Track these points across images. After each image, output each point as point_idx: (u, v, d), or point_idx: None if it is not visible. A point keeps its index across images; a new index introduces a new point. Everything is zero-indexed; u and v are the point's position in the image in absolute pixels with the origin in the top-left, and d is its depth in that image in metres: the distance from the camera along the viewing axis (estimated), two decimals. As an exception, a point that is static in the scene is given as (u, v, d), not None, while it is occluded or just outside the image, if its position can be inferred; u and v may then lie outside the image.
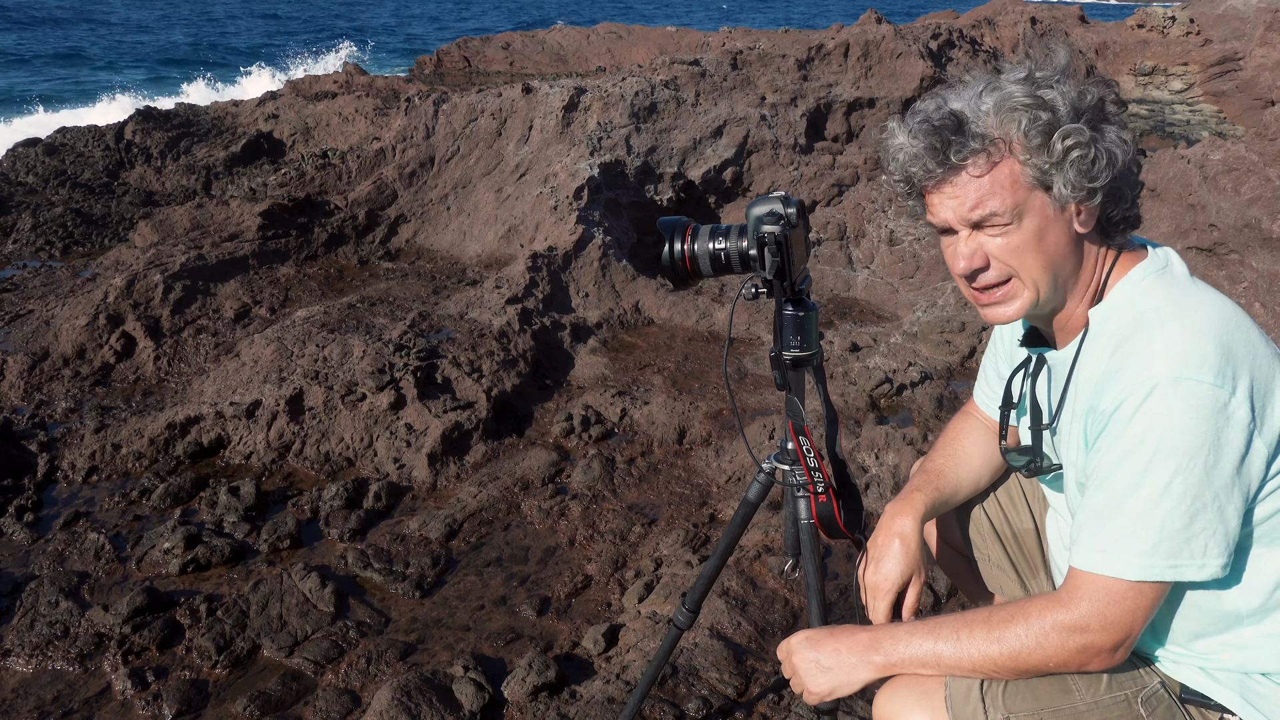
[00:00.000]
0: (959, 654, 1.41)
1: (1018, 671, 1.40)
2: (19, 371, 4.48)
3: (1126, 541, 1.30)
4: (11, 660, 2.74)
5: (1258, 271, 5.14)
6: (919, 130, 1.38)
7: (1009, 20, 12.95)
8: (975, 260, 1.42)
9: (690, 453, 4.01)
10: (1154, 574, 1.30)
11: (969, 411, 1.91)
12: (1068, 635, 1.34)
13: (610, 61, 14.94)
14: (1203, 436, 1.26)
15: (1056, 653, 1.35)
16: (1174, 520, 1.28)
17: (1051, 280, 1.42)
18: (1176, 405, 1.27)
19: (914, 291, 5.79)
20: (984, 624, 1.40)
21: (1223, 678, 1.42)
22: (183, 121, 9.32)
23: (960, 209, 1.40)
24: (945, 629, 1.43)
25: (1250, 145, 6.34)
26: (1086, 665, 1.37)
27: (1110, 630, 1.33)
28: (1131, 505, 1.30)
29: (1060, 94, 1.36)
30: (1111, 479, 1.32)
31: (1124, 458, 1.31)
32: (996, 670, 1.40)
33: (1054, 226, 1.40)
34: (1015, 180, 1.36)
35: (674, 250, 1.73)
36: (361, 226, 6.54)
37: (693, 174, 6.69)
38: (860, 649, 1.48)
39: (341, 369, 4.26)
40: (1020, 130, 1.35)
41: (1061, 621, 1.35)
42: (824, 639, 1.52)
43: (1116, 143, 1.37)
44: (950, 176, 1.39)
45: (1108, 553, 1.32)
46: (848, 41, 8.31)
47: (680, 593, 2.97)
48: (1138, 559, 1.30)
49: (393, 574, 3.17)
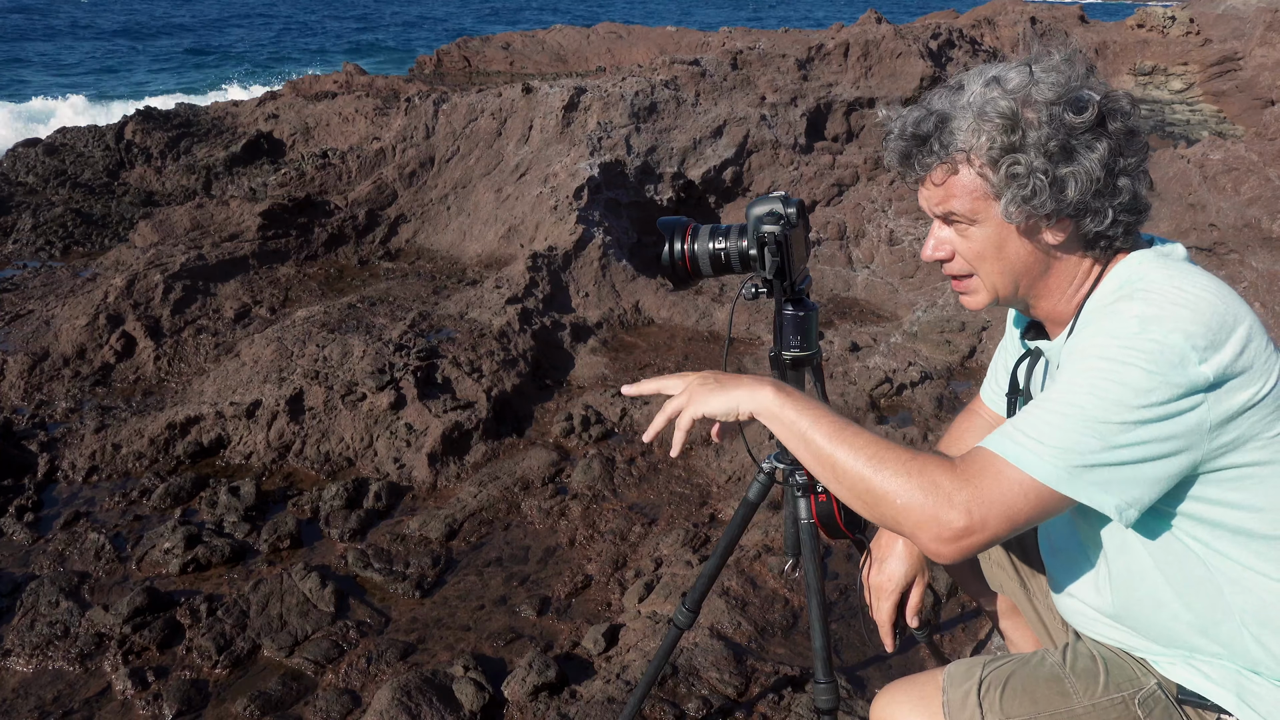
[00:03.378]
0: (833, 439, 1.33)
1: (861, 500, 1.31)
2: (19, 371, 4.48)
3: (1038, 438, 1.25)
4: (12, 660, 2.74)
5: (1257, 271, 5.14)
6: (900, 133, 1.44)
7: (1009, 20, 12.95)
8: (940, 250, 1.49)
9: (690, 453, 4.01)
10: (1050, 479, 1.24)
11: (974, 410, 1.91)
12: (933, 489, 1.25)
13: (610, 61, 14.94)
14: (1152, 383, 1.23)
15: (909, 496, 1.26)
16: (1096, 442, 1.24)
17: (1011, 285, 1.46)
18: (1139, 350, 1.25)
19: (914, 291, 5.79)
20: (874, 440, 1.32)
21: (1219, 677, 1.42)
22: (183, 121, 9.32)
23: (929, 203, 1.46)
24: (840, 423, 1.36)
25: (1250, 145, 6.34)
26: (919, 532, 1.27)
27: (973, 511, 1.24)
28: (1058, 412, 1.26)
29: (1043, 115, 1.34)
30: (1050, 393, 1.30)
31: (1069, 376, 1.29)
32: (843, 487, 1.33)
33: (1014, 238, 1.41)
34: (972, 190, 1.40)
35: (674, 250, 1.73)
36: (361, 226, 6.54)
37: (693, 174, 6.69)
38: (757, 382, 1.44)
39: (341, 369, 4.26)
40: (985, 143, 1.36)
41: (940, 476, 1.26)
42: (729, 376, 1.49)
43: (1084, 171, 1.34)
44: (925, 173, 1.45)
45: (1015, 442, 1.27)
46: (848, 41, 8.32)
47: (680, 592, 2.97)
48: (1042, 459, 1.24)
49: (393, 574, 3.17)
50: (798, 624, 2.94)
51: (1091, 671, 1.48)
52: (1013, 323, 1.76)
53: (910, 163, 1.43)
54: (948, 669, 1.55)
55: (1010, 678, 1.49)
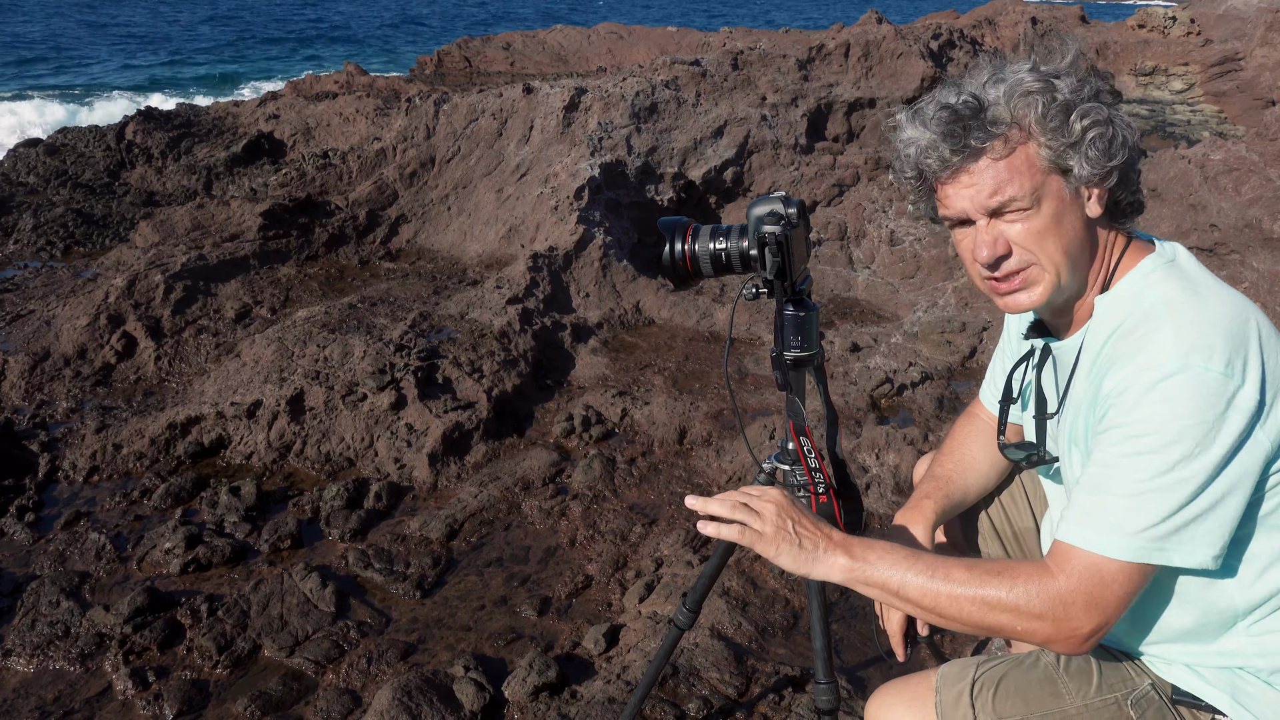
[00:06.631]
0: (928, 589, 1.34)
1: (979, 625, 1.33)
2: (20, 372, 4.48)
3: (1118, 521, 1.28)
4: (12, 660, 2.74)
5: (1258, 272, 5.14)
6: (937, 119, 1.37)
7: (1009, 20, 12.95)
8: (999, 247, 1.41)
9: (691, 453, 4.01)
10: (1142, 556, 1.27)
11: (974, 413, 1.91)
12: (1050, 605, 1.29)
13: (611, 61, 14.94)
14: (1207, 425, 1.24)
15: (1030, 623, 1.30)
16: (1168, 504, 1.26)
17: (1070, 265, 1.42)
18: (1183, 391, 1.25)
19: (915, 291, 5.79)
20: (966, 570, 1.34)
21: (1213, 677, 1.41)
22: (183, 122, 9.32)
23: (979, 197, 1.39)
24: (923, 562, 1.37)
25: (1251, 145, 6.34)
26: (1052, 644, 1.31)
27: (1092, 613, 1.28)
28: (1127, 485, 1.28)
29: (1067, 81, 1.37)
30: (1110, 459, 1.30)
31: (1125, 439, 1.29)
32: (957, 616, 1.34)
33: (1070, 210, 1.40)
34: (1032, 164, 1.37)
35: (675, 250, 1.73)
36: (362, 227, 6.54)
37: (693, 174, 6.69)
38: (832, 547, 1.40)
39: (342, 369, 4.26)
40: (1038, 112, 1.35)
41: (1047, 591, 1.29)
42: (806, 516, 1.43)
43: (1125, 124, 1.38)
44: (967, 165, 1.38)
45: (1098, 530, 1.29)
46: (848, 42, 8.32)
47: (681, 593, 2.97)
48: (1127, 539, 1.27)
49: (393, 574, 3.17)
50: (798, 624, 2.94)
51: (1085, 672, 1.48)
52: (1014, 322, 1.76)
53: (964, 139, 1.35)
54: (941, 669, 1.55)
55: (1003, 678, 1.50)
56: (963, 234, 1.45)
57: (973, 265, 1.45)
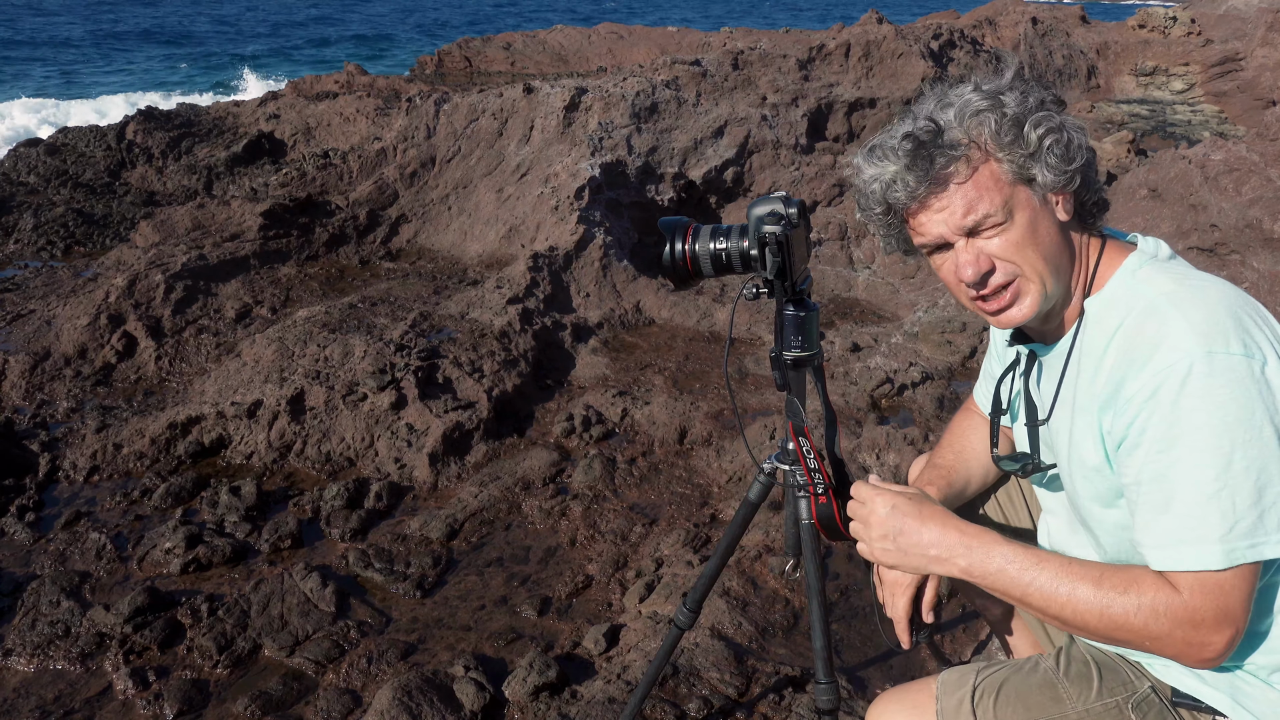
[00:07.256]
0: (1056, 592, 1.35)
1: (1104, 635, 1.34)
2: (20, 371, 4.49)
3: (1201, 530, 1.26)
4: (13, 660, 2.75)
5: (1259, 272, 5.14)
6: (900, 149, 1.39)
7: (1010, 20, 12.95)
8: (982, 263, 1.41)
9: (691, 453, 4.01)
10: (1237, 557, 1.25)
11: (970, 408, 1.91)
12: (1179, 625, 1.28)
13: (611, 61, 14.94)
14: (1249, 407, 1.24)
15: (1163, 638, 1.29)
16: (1243, 497, 1.24)
17: (1053, 270, 1.42)
18: (1217, 380, 1.25)
19: (915, 291, 5.79)
20: (1093, 579, 1.34)
21: (1212, 679, 1.41)
22: (184, 121, 9.32)
23: (952, 219, 1.40)
24: (1050, 564, 1.37)
25: (1251, 146, 6.34)
26: (1183, 661, 1.31)
27: (1223, 626, 1.27)
28: (1196, 491, 1.26)
29: (1012, 95, 1.40)
30: (1167, 469, 1.28)
31: (1174, 444, 1.27)
32: (1082, 624, 1.34)
33: (1042, 217, 1.41)
34: (998, 179, 1.38)
35: (675, 250, 1.73)
36: (363, 226, 6.54)
37: (694, 174, 6.69)
38: (948, 546, 1.43)
39: (342, 369, 4.26)
40: (991, 129, 1.37)
41: (1175, 607, 1.27)
42: (911, 516, 1.46)
43: (1077, 127, 1.41)
44: (934, 191, 1.39)
45: (1187, 545, 1.27)
46: (849, 42, 8.32)
47: (681, 593, 2.97)
48: (1219, 546, 1.25)
49: (394, 574, 3.18)
50: (798, 624, 2.94)
51: (1085, 676, 1.48)
52: (998, 331, 1.75)
53: (928, 165, 1.37)
54: (941, 676, 1.55)
55: (1004, 684, 1.49)
56: (941, 259, 1.46)
57: (958, 287, 1.45)
